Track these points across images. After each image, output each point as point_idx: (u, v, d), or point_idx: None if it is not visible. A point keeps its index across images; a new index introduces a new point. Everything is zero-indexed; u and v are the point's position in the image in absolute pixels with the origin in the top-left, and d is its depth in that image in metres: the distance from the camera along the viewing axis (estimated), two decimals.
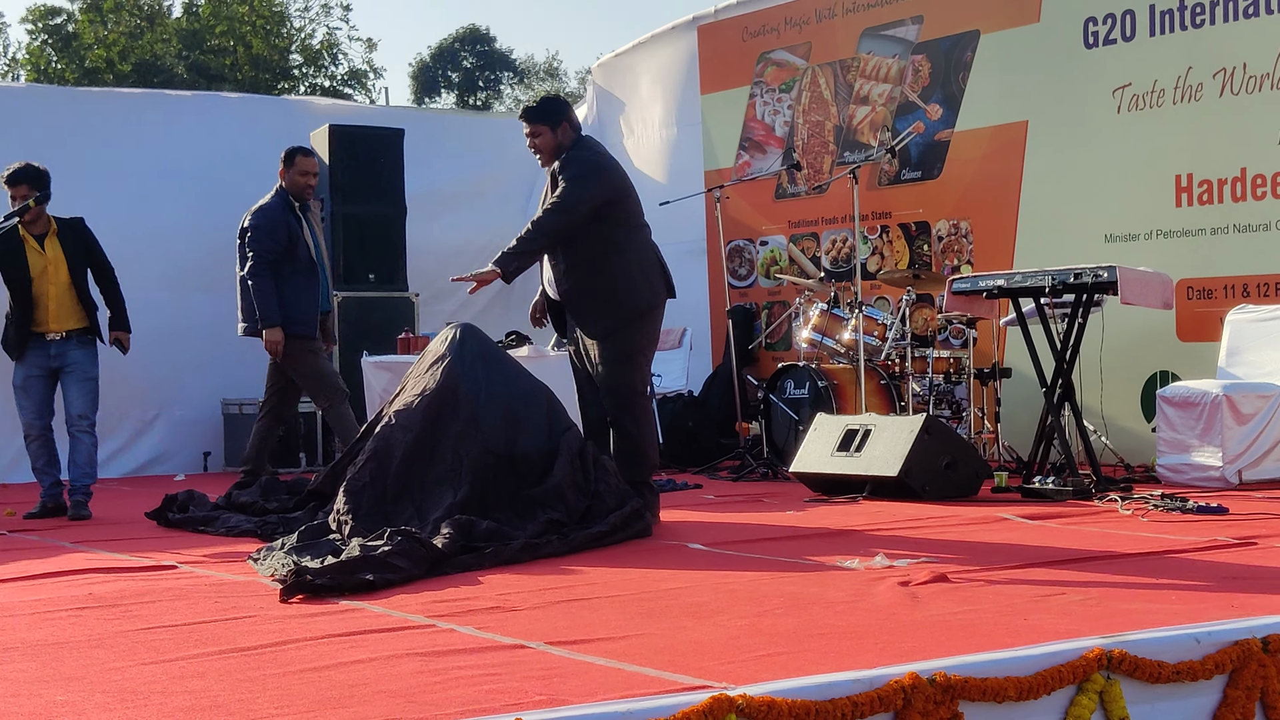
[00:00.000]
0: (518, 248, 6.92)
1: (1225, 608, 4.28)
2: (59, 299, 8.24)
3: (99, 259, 8.45)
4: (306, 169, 8.78)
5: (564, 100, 7.36)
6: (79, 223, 8.44)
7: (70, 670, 3.82)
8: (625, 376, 7.04)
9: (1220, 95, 9.29)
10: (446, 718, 3.07)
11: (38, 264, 8.22)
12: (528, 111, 7.19)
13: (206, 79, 32.55)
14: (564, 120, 7.14)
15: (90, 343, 8.33)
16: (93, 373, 8.32)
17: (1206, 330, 9.22)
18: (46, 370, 8.27)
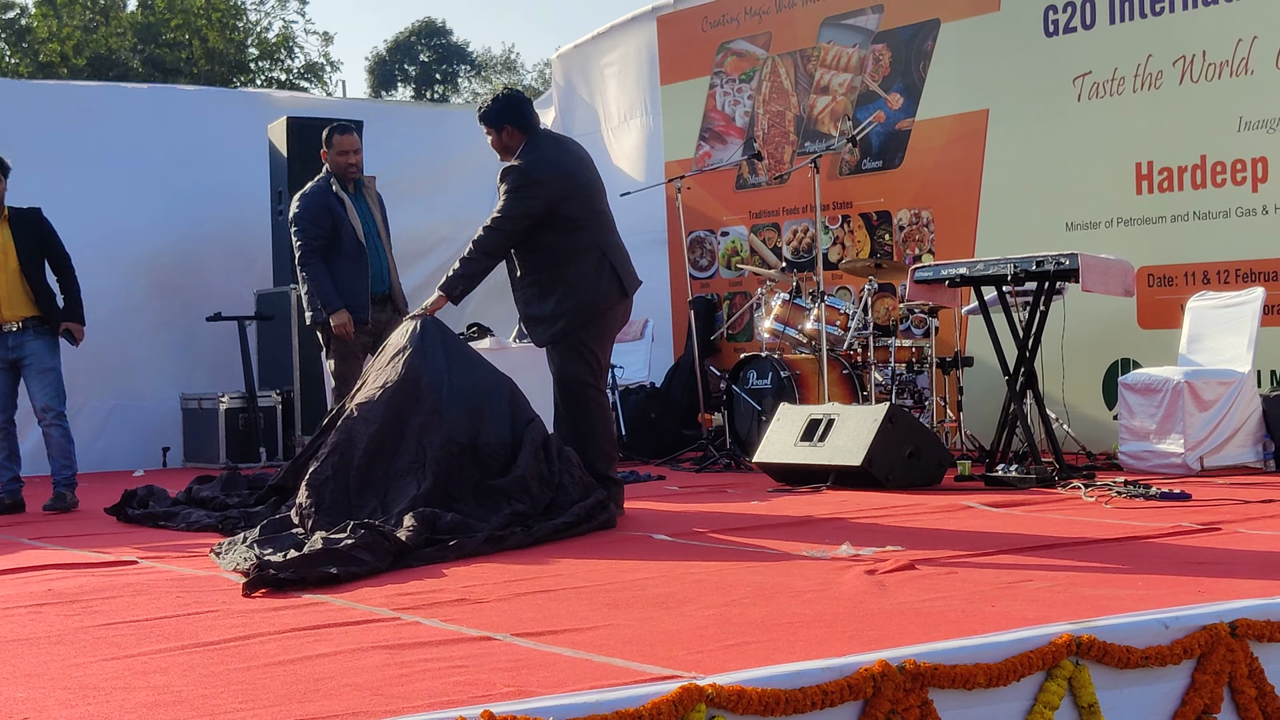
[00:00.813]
0: (461, 270, 6.98)
1: (1192, 593, 4.28)
2: (9, 286, 8.16)
3: (55, 249, 8.37)
4: (345, 147, 8.33)
5: (514, 101, 7.22)
6: (35, 212, 8.36)
7: (30, 667, 3.77)
8: (571, 369, 7.05)
9: (1180, 83, 9.32)
10: (413, 710, 3.04)
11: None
12: (479, 114, 7.25)
13: (162, 73, 32.36)
14: (506, 123, 7.11)
15: (47, 333, 8.25)
16: (51, 363, 8.25)
17: (1167, 317, 9.26)
18: (5, 363, 8.20)
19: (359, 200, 8.38)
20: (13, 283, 8.18)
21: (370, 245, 8.30)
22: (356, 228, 8.24)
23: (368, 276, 8.24)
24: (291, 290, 11.34)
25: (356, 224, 8.26)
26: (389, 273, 8.43)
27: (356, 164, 8.37)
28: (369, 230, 8.34)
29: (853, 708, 3.15)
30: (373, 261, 8.29)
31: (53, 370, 8.26)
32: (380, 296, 8.34)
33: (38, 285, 8.25)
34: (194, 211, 12.01)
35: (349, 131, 8.39)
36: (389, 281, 8.42)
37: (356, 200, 8.36)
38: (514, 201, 6.94)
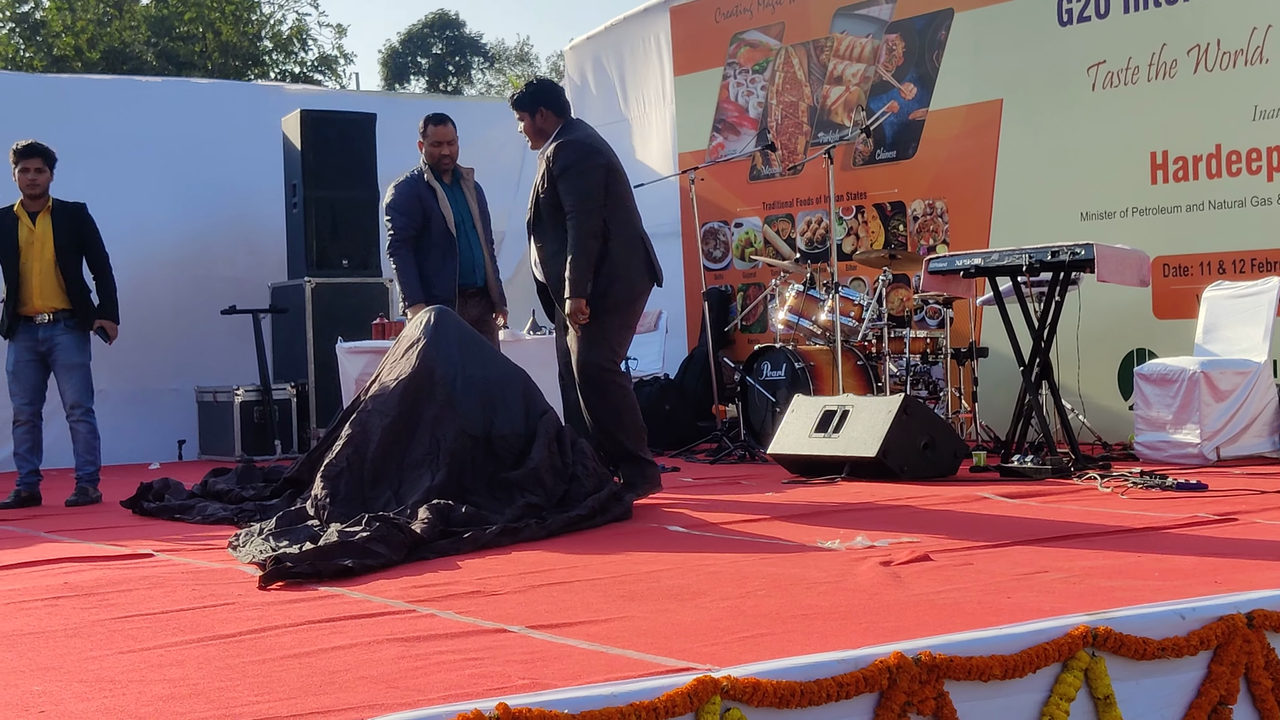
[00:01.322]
0: (578, 271, 7.07)
1: (1209, 584, 4.27)
2: (42, 276, 8.23)
3: (93, 246, 8.43)
4: (439, 138, 8.20)
5: (548, 85, 7.49)
6: (79, 208, 8.45)
7: (46, 660, 3.78)
8: (594, 355, 7.14)
9: (1195, 72, 9.28)
10: (429, 703, 3.04)
11: (25, 239, 8.26)
12: (512, 99, 7.46)
13: (176, 66, 32.38)
14: (541, 106, 7.31)
15: (77, 328, 8.29)
16: (80, 359, 8.30)
17: (1183, 307, 9.23)
18: (36, 355, 8.27)
19: (454, 191, 8.27)
20: (46, 273, 8.24)
21: (462, 237, 8.19)
22: (447, 218, 8.13)
23: (456, 268, 8.13)
24: (305, 283, 11.36)
25: (448, 214, 8.14)
26: (483, 265, 8.28)
27: (451, 154, 8.25)
28: (462, 221, 8.22)
29: (868, 700, 3.15)
30: (463, 253, 8.17)
31: (82, 366, 8.31)
32: (473, 289, 8.23)
33: (71, 279, 8.30)
34: (208, 204, 12.02)
35: (443, 122, 8.26)
36: (483, 274, 8.27)
37: (452, 191, 8.25)
38: (584, 175, 7.14)
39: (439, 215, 8.10)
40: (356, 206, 11.72)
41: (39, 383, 8.34)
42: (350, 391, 9.52)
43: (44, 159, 8.28)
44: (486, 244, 8.31)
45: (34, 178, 8.24)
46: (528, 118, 7.35)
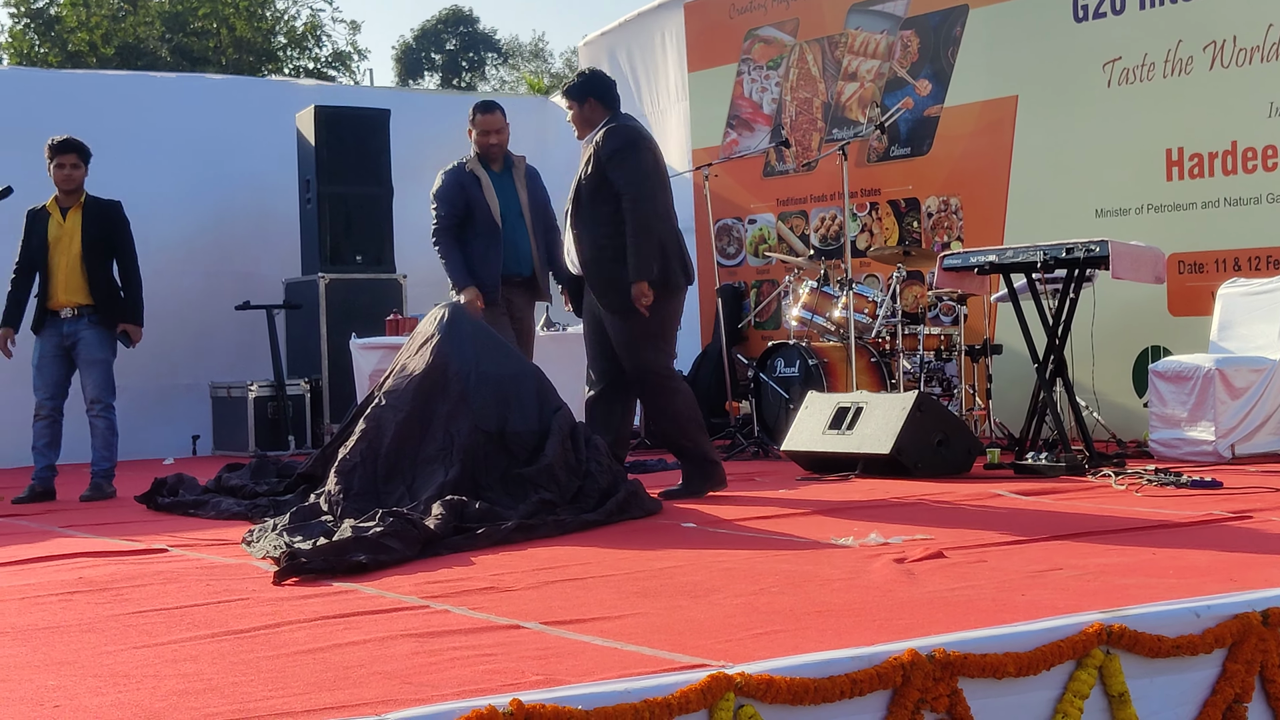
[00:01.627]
0: (642, 254, 7.04)
1: (1223, 581, 4.26)
2: (68, 271, 8.30)
3: (123, 245, 8.49)
4: (486, 127, 8.09)
5: (599, 76, 7.55)
6: (113, 206, 8.51)
7: (61, 655, 3.78)
8: (649, 358, 7.16)
9: (1210, 68, 9.26)
10: (442, 699, 3.04)
11: (55, 234, 8.34)
12: (562, 89, 7.57)
13: (190, 62, 32.42)
14: (590, 96, 7.37)
15: (101, 323, 8.34)
16: (102, 355, 8.35)
17: (1198, 304, 9.21)
18: (60, 349, 8.33)
19: (503, 179, 8.16)
20: (72, 268, 8.30)
21: (507, 226, 8.07)
22: (492, 207, 8.03)
23: (499, 257, 8.02)
24: (319, 279, 11.37)
25: (493, 203, 8.04)
26: (529, 255, 8.16)
27: (499, 142, 8.13)
28: (509, 211, 8.10)
29: (881, 697, 3.15)
30: (508, 242, 8.06)
31: (104, 362, 8.36)
32: (519, 279, 8.14)
33: (96, 275, 8.34)
34: (222, 200, 12.04)
35: (491, 110, 8.17)
36: (529, 264, 8.16)
37: (501, 179, 8.15)
38: (637, 156, 7.16)
39: (483, 204, 8.01)
40: (370, 202, 11.74)
41: (62, 377, 8.39)
42: (364, 387, 9.54)
43: (79, 154, 8.37)
44: (537, 233, 8.17)
45: (69, 173, 8.33)
46: (576, 107, 7.38)
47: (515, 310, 8.11)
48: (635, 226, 7.05)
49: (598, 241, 7.18)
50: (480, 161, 8.13)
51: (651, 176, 7.16)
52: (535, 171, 8.34)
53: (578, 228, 7.25)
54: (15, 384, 9.45)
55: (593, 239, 7.20)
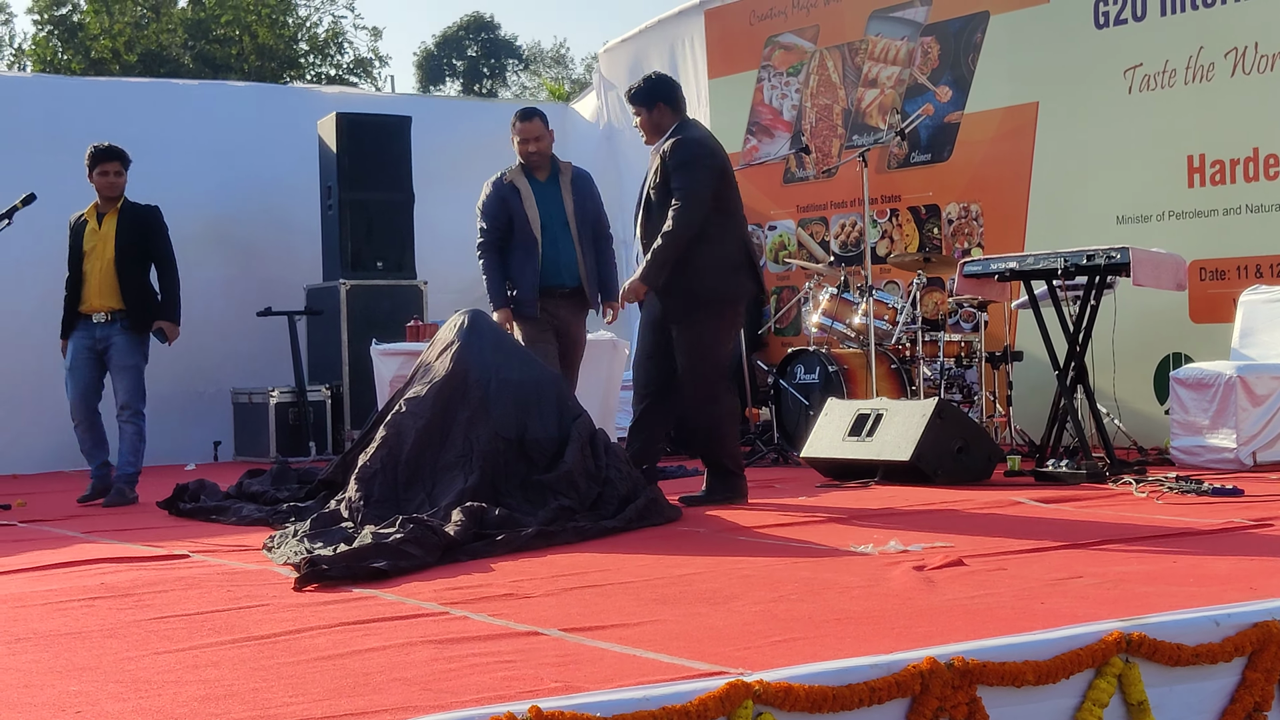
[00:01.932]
0: (659, 258, 7.03)
1: (1243, 590, 4.25)
2: (101, 275, 8.38)
3: (159, 248, 8.56)
4: (525, 134, 7.85)
5: (666, 81, 7.53)
6: (149, 211, 8.59)
7: (83, 660, 3.80)
8: (702, 369, 7.13)
9: (1232, 75, 9.24)
10: (461, 705, 3.05)
11: (90, 241, 8.43)
12: (629, 94, 7.50)
13: (212, 69, 32.55)
14: (660, 101, 7.35)
15: (133, 329, 8.40)
16: (133, 360, 8.42)
17: (1219, 311, 9.18)
18: (92, 353, 8.42)
19: (547, 188, 7.94)
20: (106, 273, 8.38)
21: (550, 237, 7.85)
22: (531, 219, 7.82)
23: (537, 269, 7.82)
24: (340, 285, 11.39)
25: (533, 215, 7.83)
26: (574, 265, 7.90)
27: (539, 151, 7.88)
28: (552, 221, 7.88)
29: (900, 705, 3.14)
30: (547, 254, 7.84)
31: (134, 368, 8.44)
32: (562, 290, 7.89)
33: (129, 280, 8.41)
34: (244, 207, 12.07)
35: (530, 118, 7.93)
36: (573, 275, 7.91)
37: (545, 188, 7.93)
38: (698, 172, 7.10)
39: (522, 216, 7.83)
40: (391, 209, 11.76)
41: (94, 379, 8.48)
42: (384, 393, 9.56)
43: (121, 161, 8.48)
44: (584, 242, 7.94)
45: (113, 180, 8.46)
46: (645, 112, 7.35)
47: (560, 322, 7.90)
48: (666, 235, 7.03)
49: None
50: (523, 170, 7.94)
51: (702, 195, 7.06)
52: (586, 177, 8.13)
53: (647, 236, 7.21)
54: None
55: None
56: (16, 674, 3.66)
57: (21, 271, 10.69)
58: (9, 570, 5.60)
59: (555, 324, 7.89)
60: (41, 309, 10.14)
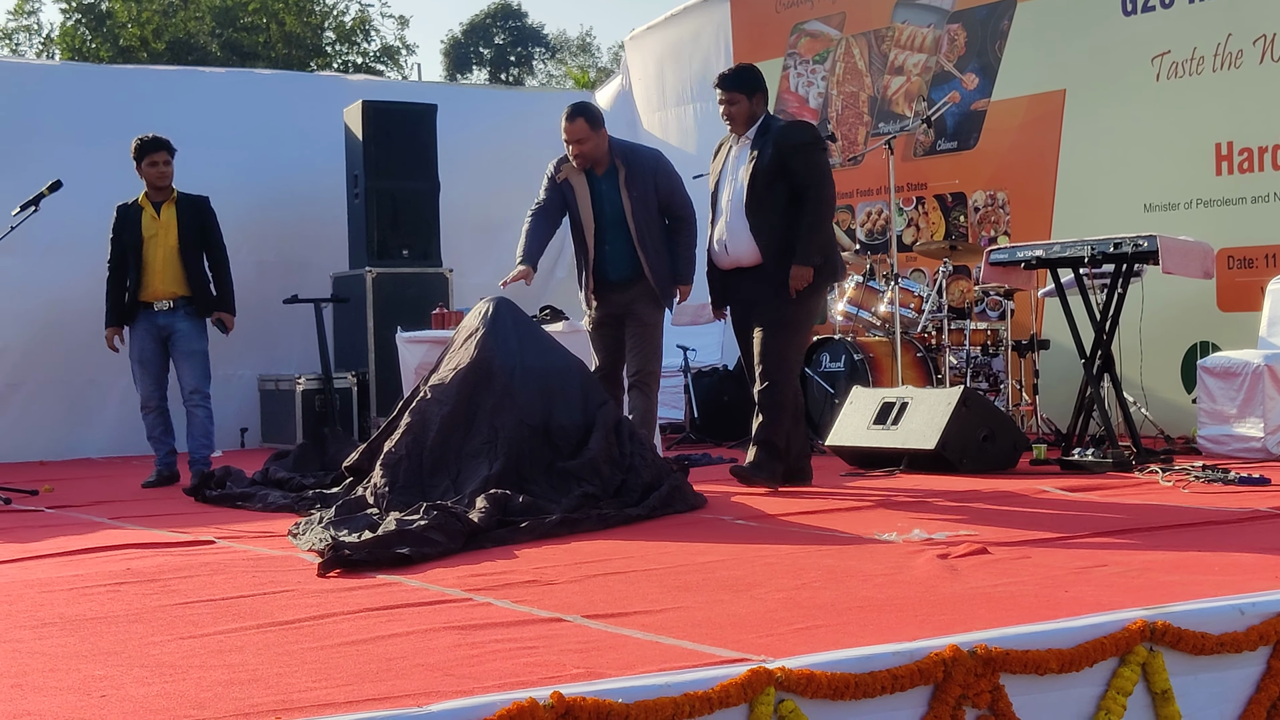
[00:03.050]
0: (814, 242, 7.23)
1: (1269, 579, 4.23)
2: (165, 263, 8.53)
3: (214, 238, 8.73)
4: (567, 137, 7.53)
5: (759, 75, 7.61)
6: (203, 200, 8.76)
7: (108, 645, 3.82)
8: (793, 345, 7.38)
9: (1260, 62, 9.18)
10: (484, 691, 3.06)
11: (150, 229, 8.56)
12: (724, 79, 7.52)
13: (240, 57, 32.62)
14: (759, 90, 7.48)
15: (196, 314, 8.60)
16: (198, 345, 8.62)
17: (1247, 300, 9.14)
18: (158, 341, 8.61)
19: (603, 185, 7.64)
20: (169, 261, 8.54)
21: (605, 237, 7.62)
22: (585, 221, 7.63)
23: (589, 270, 7.65)
24: (366, 273, 11.41)
25: (586, 217, 7.63)
26: (625, 260, 7.62)
27: (581, 154, 7.55)
28: (606, 220, 7.62)
29: (923, 692, 3.14)
30: (600, 254, 7.62)
31: (201, 353, 8.64)
32: (615, 282, 7.64)
33: (192, 268, 8.59)
34: (271, 194, 12.09)
35: (572, 119, 7.56)
36: (624, 270, 7.63)
37: (601, 184, 7.64)
38: (822, 152, 7.49)
39: (576, 215, 7.69)
40: (417, 197, 11.77)
41: (163, 367, 8.69)
42: (410, 381, 9.57)
43: (168, 151, 8.62)
44: (646, 236, 7.60)
45: (162, 170, 8.60)
46: (744, 100, 7.42)
47: (616, 306, 7.67)
48: (814, 217, 7.24)
49: (777, 230, 7.28)
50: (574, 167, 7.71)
51: (829, 173, 7.40)
52: (649, 164, 7.73)
53: (755, 217, 7.29)
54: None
55: (772, 228, 7.28)
56: (43, 658, 3.68)
57: (49, 259, 10.74)
58: (36, 555, 5.64)
59: (612, 309, 7.70)
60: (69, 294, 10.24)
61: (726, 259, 7.45)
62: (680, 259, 7.77)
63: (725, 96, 7.45)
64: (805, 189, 7.24)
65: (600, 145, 7.60)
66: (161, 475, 8.55)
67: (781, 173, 7.27)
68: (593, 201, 7.65)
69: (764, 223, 7.27)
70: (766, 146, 7.30)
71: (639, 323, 7.67)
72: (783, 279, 7.22)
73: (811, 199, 7.24)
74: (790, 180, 7.27)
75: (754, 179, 7.29)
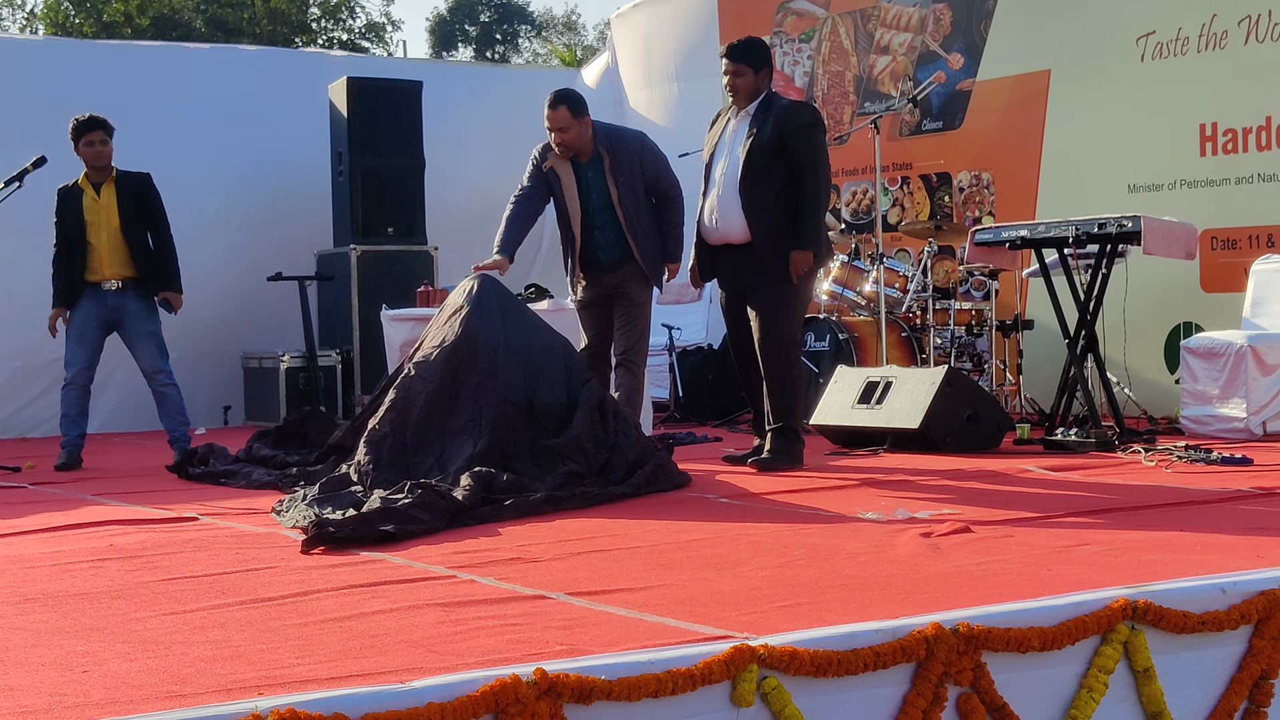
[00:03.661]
0: (813, 225, 7.19)
1: (1251, 558, 4.25)
2: (110, 245, 8.37)
3: (157, 216, 8.56)
4: (549, 124, 7.43)
5: (768, 47, 7.58)
6: (143, 177, 8.59)
7: (91, 621, 3.82)
8: (790, 327, 7.31)
9: (1245, 43, 9.19)
10: (467, 667, 3.06)
11: (91, 209, 8.40)
12: (732, 50, 7.40)
13: (224, 33, 32.46)
14: (766, 65, 7.39)
15: (145, 295, 8.45)
16: (152, 327, 8.48)
17: (1231, 281, 9.16)
18: (104, 321, 8.44)
19: (588, 172, 7.54)
20: (114, 242, 8.38)
21: (593, 223, 7.54)
22: (571, 211, 7.57)
23: (575, 259, 7.61)
24: (351, 251, 11.39)
25: (572, 206, 7.56)
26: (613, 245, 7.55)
27: (563, 142, 7.46)
28: (593, 207, 7.54)
29: (905, 669, 3.15)
30: (590, 240, 7.55)
31: (156, 333, 8.50)
32: (605, 265, 7.58)
33: (137, 247, 8.44)
34: (255, 171, 12.06)
35: (553, 106, 7.42)
36: (611, 253, 7.56)
37: (586, 172, 7.55)
38: (821, 134, 7.40)
39: (561, 203, 7.61)
40: (402, 174, 11.74)
41: (99, 347, 8.50)
42: (395, 359, 9.55)
43: (105, 130, 8.43)
44: (635, 221, 7.52)
45: (99, 149, 8.40)
46: (751, 74, 7.32)
47: (604, 287, 7.62)
48: (813, 199, 7.19)
49: (769, 209, 7.22)
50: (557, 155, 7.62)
51: (826, 156, 7.35)
52: (634, 146, 7.64)
53: (748, 195, 7.23)
54: None
55: (765, 207, 7.23)
56: (25, 634, 3.68)
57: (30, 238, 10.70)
58: (18, 531, 5.62)
59: (602, 289, 7.64)
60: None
61: (715, 234, 7.41)
62: (669, 238, 7.72)
63: (732, 68, 7.34)
64: (803, 171, 7.20)
65: (584, 134, 7.48)
66: (73, 457, 8.31)
67: (781, 152, 7.22)
68: (579, 190, 7.56)
69: (757, 201, 7.22)
70: (768, 124, 7.24)
71: (628, 301, 7.64)
72: (775, 261, 7.18)
73: (810, 181, 7.19)
74: (788, 161, 7.22)
75: (751, 155, 7.23)
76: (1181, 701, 3.47)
